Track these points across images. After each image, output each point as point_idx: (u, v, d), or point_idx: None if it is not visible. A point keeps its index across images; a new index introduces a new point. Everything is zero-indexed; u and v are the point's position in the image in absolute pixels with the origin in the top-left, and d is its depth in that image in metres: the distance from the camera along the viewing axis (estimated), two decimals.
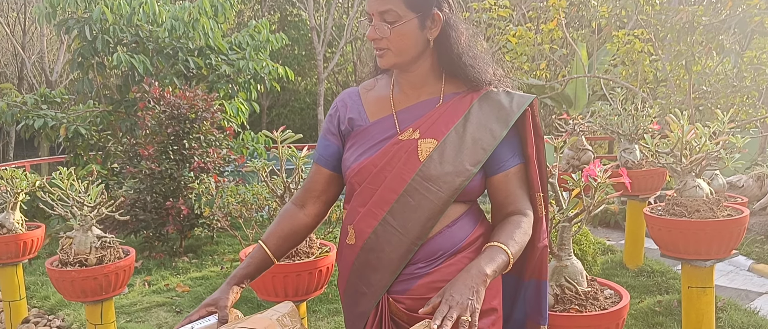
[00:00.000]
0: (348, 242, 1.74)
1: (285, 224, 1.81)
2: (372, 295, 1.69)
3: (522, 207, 1.68)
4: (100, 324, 3.24)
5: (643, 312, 3.78)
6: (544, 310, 1.76)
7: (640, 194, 4.42)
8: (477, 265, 1.51)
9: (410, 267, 1.65)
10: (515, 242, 1.60)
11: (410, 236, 1.64)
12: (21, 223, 4.11)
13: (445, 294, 1.46)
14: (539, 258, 1.74)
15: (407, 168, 1.64)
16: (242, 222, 4.88)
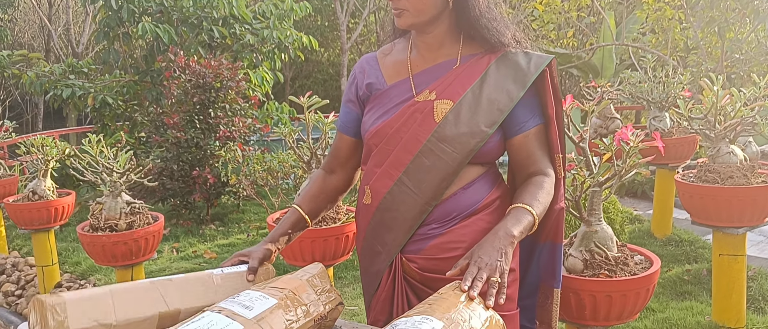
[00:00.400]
0: (365, 203, 1.77)
1: (316, 187, 1.86)
2: (386, 254, 1.72)
3: (543, 167, 1.67)
4: None
5: (672, 280, 3.74)
6: (557, 273, 1.77)
7: (669, 163, 4.35)
8: (504, 227, 1.51)
9: (424, 227, 1.67)
10: (539, 202, 1.60)
11: (424, 197, 1.65)
12: (52, 190, 4.18)
13: (473, 256, 1.45)
14: (556, 220, 1.73)
15: (423, 129, 1.64)
16: (268, 190, 4.91)
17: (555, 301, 1.79)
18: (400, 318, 1.35)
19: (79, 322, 1.37)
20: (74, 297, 1.38)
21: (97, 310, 1.40)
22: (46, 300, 1.34)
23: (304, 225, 1.84)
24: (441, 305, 1.35)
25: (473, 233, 1.65)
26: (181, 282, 1.58)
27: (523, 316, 1.80)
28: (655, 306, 3.36)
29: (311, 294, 1.52)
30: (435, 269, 1.66)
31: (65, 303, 1.35)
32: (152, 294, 1.51)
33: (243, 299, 1.46)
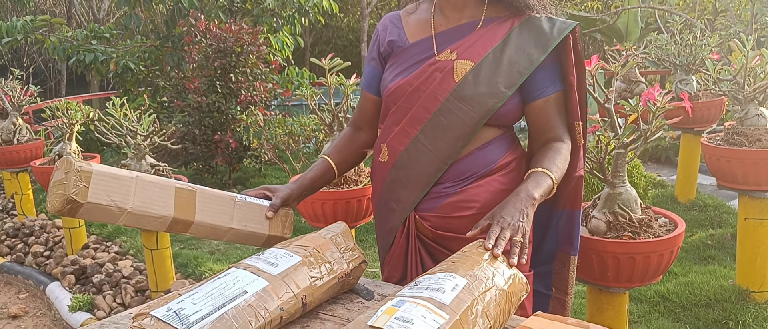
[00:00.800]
0: (381, 160, 1.79)
1: (344, 141, 1.89)
2: (400, 211, 1.74)
3: (560, 134, 1.67)
4: (156, 249, 3.35)
5: (695, 245, 3.72)
6: (575, 240, 1.77)
7: (695, 127, 4.29)
8: (525, 189, 1.52)
9: (438, 186, 1.68)
10: (558, 168, 1.60)
11: (440, 155, 1.66)
12: (77, 153, 4.23)
13: (495, 216, 1.46)
14: (574, 188, 1.73)
15: (442, 88, 1.64)
16: (289, 155, 4.93)
17: (572, 268, 1.79)
18: (424, 275, 1.36)
19: (98, 197, 1.37)
20: (101, 170, 1.38)
21: (117, 191, 1.40)
22: (75, 163, 1.34)
23: (332, 176, 1.85)
24: (464, 262, 1.35)
25: (487, 194, 1.66)
26: (203, 195, 1.58)
27: (540, 282, 1.83)
28: (677, 270, 3.35)
29: (335, 252, 1.53)
30: (448, 227, 1.68)
31: (92, 174, 1.36)
32: (172, 194, 1.51)
33: (268, 256, 1.48)
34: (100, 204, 1.38)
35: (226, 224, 1.61)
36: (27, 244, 4.80)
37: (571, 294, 1.83)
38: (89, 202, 1.36)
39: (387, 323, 1.19)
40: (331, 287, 1.49)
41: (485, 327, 1.24)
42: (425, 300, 1.23)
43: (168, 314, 1.27)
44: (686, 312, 2.88)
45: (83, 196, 1.35)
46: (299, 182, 1.80)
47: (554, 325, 1.27)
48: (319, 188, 1.85)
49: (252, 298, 1.33)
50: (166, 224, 1.53)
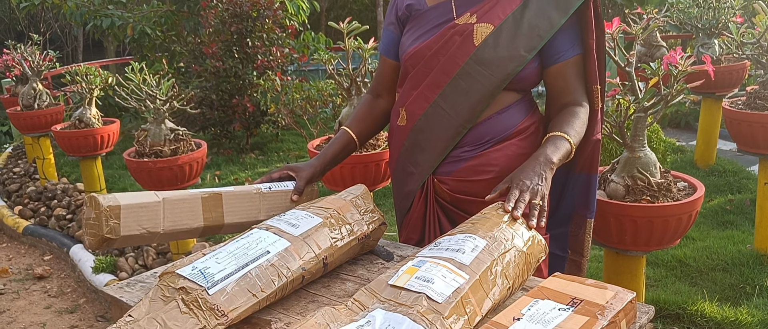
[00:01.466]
0: (399, 124, 1.79)
1: (364, 110, 1.89)
2: (419, 175, 1.75)
3: (579, 98, 1.66)
4: None
5: (714, 210, 3.70)
6: (591, 203, 1.78)
7: (716, 91, 4.23)
8: (544, 153, 1.52)
9: (457, 149, 1.69)
10: (576, 132, 1.60)
11: (459, 119, 1.66)
12: (97, 118, 4.28)
13: (514, 180, 1.47)
14: (592, 152, 1.74)
15: (461, 52, 1.64)
16: (307, 120, 4.94)
17: (588, 231, 1.81)
18: (444, 236, 1.37)
19: (130, 229, 1.42)
20: (128, 204, 1.42)
21: (147, 218, 1.45)
22: (103, 203, 1.39)
23: (353, 147, 1.86)
24: (484, 224, 1.37)
25: (505, 158, 1.67)
26: (228, 197, 1.62)
27: (556, 245, 1.84)
28: (695, 235, 3.34)
29: (355, 214, 1.55)
30: (466, 191, 1.69)
31: (120, 209, 1.41)
32: (200, 205, 1.55)
33: (289, 217, 1.50)
34: (133, 235, 1.44)
35: (254, 218, 1.65)
36: (50, 207, 4.89)
37: (587, 256, 1.84)
38: (122, 236, 1.42)
39: (408, 282, 1.21)
40: (352, 248, 1.52)
41: (504, 287, 1.26)
42: (445, 261, 1.25)
43: (193, 272, 1.30)
44: (703, 276, 2.89)
45: (116, 232, 1.41)
46: (321, 159, 1.80)
47: (572, 285, 1.29)
48: (341, 161, 1.86)
49: (274, 258, 1.36)
50: (199, 233, 1.59)
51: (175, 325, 1.21)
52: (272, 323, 1.33)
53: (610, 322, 1.15)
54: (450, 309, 1.14)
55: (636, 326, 1.23)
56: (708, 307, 2.52)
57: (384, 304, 1.18)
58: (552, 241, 1.82)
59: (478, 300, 1.20)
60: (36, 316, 3.49)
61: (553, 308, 1.20)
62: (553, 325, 1.15)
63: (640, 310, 1.27)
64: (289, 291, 1.39)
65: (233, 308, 1.26)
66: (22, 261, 4.30)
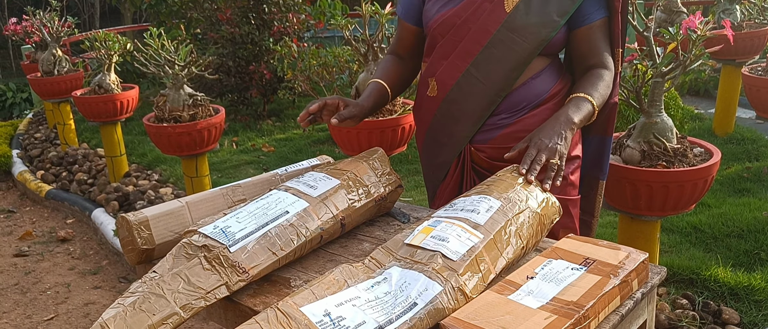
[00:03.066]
0: (429, 95, 1.76)
1: (392, 66, 1.85)
2: (453, 146, 1.74)
3: (603, 60, 1.65)
4: (196, 177, 3.46)
5: (731, 178, 3.69)
6: (604, 166, 1.79)
7: (737, 58, 4.18)
8: (565, 113, 1.53)
9: (493, 117, 1.68)
10: (599, 94, 1.60)
11: (494, 88, 1.64)
12: (116, 84, 4.32)
13: (532, 139, 1.48)
14: (608, 114, 1.73)
15: (492, 19, 1.61)
16: (323, 86, 4.95)
17: (599, 192, 1.82)
18: (459, 198, 1.40)
19: (163, 236, 1.49)
20: (155, 214, 1.50)
21: (176, 223, 1.52)
22: (132, 220, 1.46)
23: (387, 98, 1.81)
24: (499, 186, 1.39)
25: (541, 123, 1.63)
26: (248, 186, 1.66)
27: None
28: (711, 202, 3.34)
29: (372, 176, 1.58)
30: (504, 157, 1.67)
31: (148, 221, 1.47)
32: (223, 200, 1.60)
33: (307, 179, 1.53)
34: (168, 241, 1.49)
35: None
36: (71, 172, 4.97)
37: (597, 216, 1.87)
38: (158, 244, 1.48)
39: (423, 241, 1.24)
40: (368, 209, 1.55)
41: (518, 247, 1.28)
42: (460, 221, 1.28)
43: (215, 231, 1.34)
44: (718, 242, 2.89)
45: (151, 242, 1.47)
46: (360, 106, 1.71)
47: (585, 246, 1.31)
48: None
49: (293, 218, 1.40)
50: None
51: (198, 281, 1.25)
52: (291, 280, 1.38)
53: (622, 281, 1.18)
54: (464, 267, 1.17)
55: (647, 286, 1.25)
56: (721, 272, 2.54)
57: (400, 262, 1.22)
58: None
59: (492, 258, 1.22)
60: (60, 277, 3.58)
61: (566, 267, 1.23)
62: (566, 284, 1.17)
63: (652, 271, 1.29)
64: (308, 250, 1.43)
65: (254, 265, 1.30)
66: (46, 224, 4.40)
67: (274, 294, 1.33)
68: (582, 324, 1.09)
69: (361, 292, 1.13)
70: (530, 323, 1.06)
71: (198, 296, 1.24)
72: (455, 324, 1.06)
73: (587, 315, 1.10)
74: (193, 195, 1.60)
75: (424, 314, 1.09)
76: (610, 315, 1.16)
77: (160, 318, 1.19)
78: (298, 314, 1.06)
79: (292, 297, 1.10)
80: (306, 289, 1.13)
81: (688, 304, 2.38)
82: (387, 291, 1.13)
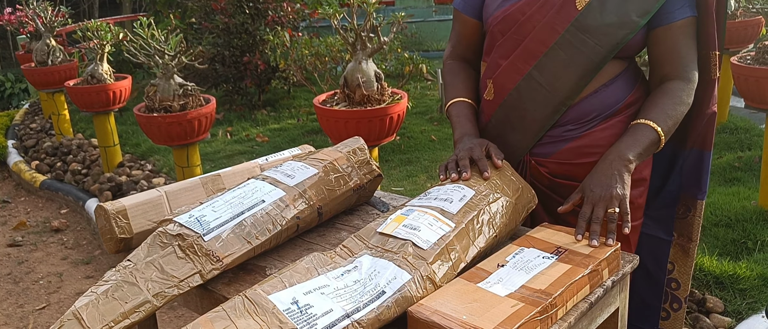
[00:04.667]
0: (485, 98, 1.60)
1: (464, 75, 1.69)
2: (509, 157, 1.55)
3: (682, 70, 1.45)
4: (187, 167, 3.46)
5: (722, 167, 3.69)
6: (704, 184, 1.59)
7: (730, 47, 4.17)
8: (617, 150, 1.38)
9: (557, 128, 1.51)
10: (669, 117, 1.41)
11: (559, 95, 1.47)
12: (109, 74, 4.32)
13: (585, 191, 1.35)
14: (706, 126, 1.54)
15: (561, 17, 1.43)
16: (317, 76, 4.95)
17: (698, 213, 1.62)
18: (434, 187, 1.40)
19: (140, 225, 1.50)
20: (133, 203, 1.51)
21: (154, 212, 1.53)
22: (109, 209, 1.47)
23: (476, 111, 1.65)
24: (475, 176, 1.39)
25: (613, 137, 1.48)
26: (229, 175, 1.67)
27: (659, 227, 1.68)
28: None
29: (350, 166, 1.58)
30: (568, 175, 1.52)
31: (126, 210, 1.48)
32: (201, 189, 1.61)
33: (285, 168, 1.54)
34: (146, 230, 1.50)
35: None
36: (65, 162, 4.98)
37: (696, 240, 1.66)
38: (136, 233, 1.49)
39: (395, 230, 1.25)
40: (347, 198, 1.55)
41: (490, 236, 1.29)
42: (433, 210, 1.29)
43: (190, 220, 1.35)
44: (705, 231, 2.90)
45: (129, 231, 1.49)
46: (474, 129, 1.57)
47: (559, 235, 1.32)
48: None
49: (269, 207, 1.40)
50: None
51: (171, 269, 1.26)
52: (267, 269, 1.38)
53: (592, 271, 1.19)
54: (434, 255, 1.17)
55: (619, 274, 1.26)
56: (706, 261, 2.54)
57: (371, 251, 1.22)
58: (653, 223, 1.66)
59: (463, 247, 1.23)
60: (53, 267, 3.59)
61: (538, 256, 1.24)
62: (536, 272, 1.18)
63: (624, 259, 1.30)
64: (284, 239, 1.43)
65: (228, 254, 1.31)
66: (40, 214, 4.41)
67: (249, 282, 1.34)
68: (549, 312, 1.10)
69: (330, 280, 1.14)
70: (496, 310, 1.07)
71: (171, 284, 1.24)
72: (422, 311, 1.07)
73: (554, 303, 1.10)
74: (172, 184, 1.61)
75: (392, 302, 1.09)
76: (579, 303, 1.17)
77: (133, 305, 1.20)
78: (266, 302, 1.07)
79: (261, 285, 1.11)
80: (275, 277, 1.14)
81: None
82: (357, 279, 1.14)
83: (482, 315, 1.05)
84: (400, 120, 2.90)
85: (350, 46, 2.88)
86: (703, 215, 1.62)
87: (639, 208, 1.58)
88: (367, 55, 2.82)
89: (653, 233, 1.67)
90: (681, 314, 1.76)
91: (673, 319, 1.76)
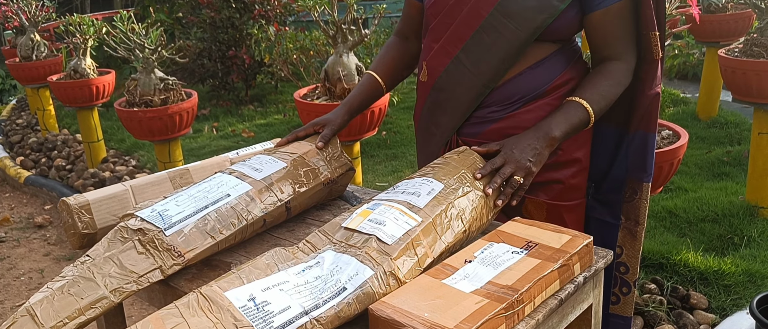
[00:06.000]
0: (422, 79, 1.65)
1: (392, 53, 1.75)
2: (440, 136, 1.62)
3: (620, 51, 1.47)
4: (169, 162, 3.42)
5: (710, 162, 3.66)
6: (649, 166, 1.59)
7: (721, 40, 4.14)
8: (547, 125, 1.41)
9: (483, 109, 1.55)
10: (602, 97, 1.44)
11: (482, 78, 1.50)
12: (92, 69, 4.27)
13: (504, 147, 1.38)
14: (649, 107, 1.53)
15: (485, 2, 1.46)
16: (303, 71, 4.90)
17: (644, 196, 1.62)
18: (403, 180, 1.37)
19: (105, 220, 1.46)
20: (97, 197, 1.46)
21: (119, 207, 1.48)
22: (72, 203, 1.42)
23: (380, 92, 1.73)
24: (444, 169, 1.35)
25: (537, 120, 1.49)
26: (196, 169, 1.63)
27: (607, 211, 1.67)
28: (688, 186, 3.32)
29: (321, 160, 1.54)
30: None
31: (89, 205, 1.44)
32: (169, 183, 1.57)
33: (253, 162, 1.50)
34: (110, 225, 1.46)
35: None
36: (50, 158, 4.93)
37: (643, 223, 1.66)
38: (100, 228, 1.45)
39: (360, 224, 1.21)
40: (317, 193, 1.51)
41: (459, 230, 1.25)
42: (399, 203, 1.25)
43: (152, 215, 1.31)
44: (692, 227, 2.87)
45: (92, 226, 1.44)
46: (346, 106, 1.67)
47: (530, 230, 1.28)
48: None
49: (235, 201, 1.36)
50: None
51: (130, 265, 1.22)
52: (232, 265, 1.34)
53: (562, 265, 1.15)
54: (399, 251, 1.14)
55: (591, 270, 1.22)
56: (692, 257, 2.51)
57: (335, 246, 1.18)
58: (602, 206, 1.67)
59: (429, 242, 1.19)
60: (35, 263, 3.55)
61: (507, 251, 1.20)
62: (504, 267, 1.14)
63: (598, 255, 1.27)
64: (250, 234, 1.39)
65: (190, 249, 1.27)
66: (24, 210, 4.37)
67: (213, 278, 1.29)
68: (515, 308, 1.06)
69: (290, 276, 1.10)
70: (460, 307, 1.03)
71: (130, 280, 1.20)
72: (383, 308, 1.03)
73: (521, 299, 1.07)
74: (139, 179, 1.57)
75: (353, 299, 1.06)
76: (548, 299, 1.13)
77: (89, 301, 1.16)
78: (221, 299, 1.03)
79: (218, 282, 1.07)
80: (233, 273, 1.10)
81: (656, 289, 2.36)
82: (318, 275, 1.10)
83: (444, 312, 1.02)
84: (382, 114, 2.86)
85: (331, 39, 2.84)
86: (649, 198, 1.63)
87: (574, 189, 1.59)
88: (348, 48, 2.78)
89: (601, 217, 1.68)
90: (631, 298, 1.74)
91: (623, 303, 1.75)
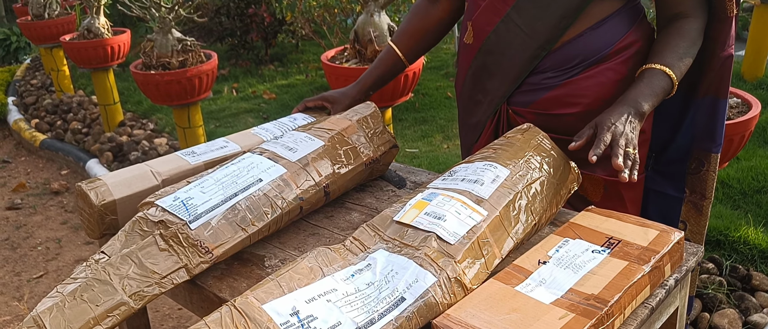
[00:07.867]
0: (466, 41, 1.50)
1: (415, 22, 1.61)
2: (488, 105, 1.47)
3: (692, 7, 1.32)
4: (188, 127, 3.27)
5: (761, 127, 3.44)
6: (718, 135, 1.44)
7: None
8: (633, 98, 1.25)
9: (537, 75, 1.39)
10: (681, 60, 1.29)
11: (537, 39, 1.35)
12: (106, 28, 4.10)
13: (602, 124, 1.21)
14: (721, 70, 1.39)
15: None
16: (326, 29, 4.69)
17: (712, 168, 1.48)
18: (461, 164, 1.19)
19: (122, 192, 1.29)
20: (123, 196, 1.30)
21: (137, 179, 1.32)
22: (96, 201, 1.28)
23: (401, 67, 1.63)
24: (508, 150, 1.18)
25: (599, 86, 1.36)
26: None
27: (669, 184, 1.53)
28: (740, 154, 3.11)
29: (362, 136, 1.37)
30: (548, 126, 1.38)
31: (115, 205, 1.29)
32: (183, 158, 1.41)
33: (287, 140, 1.33)
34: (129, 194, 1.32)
35: None
36: (66, 121, 4.80)
37: (710, 197, 1.51)
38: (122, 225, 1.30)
39: (415, 219, 1.04)
40: (358, 174, 1.35)
41: (529, 224, 1.08)
42: (460, 193, 1.08)
43: (174, 204, 1.15)
44: (747, 199, 2.68)
45: (115, 227, 1.29)
46: (360, 85, 1.59)
47: (609, 222, 1.11)
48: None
49: (267, 187, 1.20)
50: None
51: (151, 264, 1.07)
52: (266, 259, 1.19)
53: (653, 268, 0.98)
54: (463, 252, 0.97)
55: (682, 270, 1.05)
56: (752, 233, 2.33)
57: (387, 244, 1.02)
58: (663, 178, 1.53)
59: (497, 239, 1.03)
60: (52, 232, 3.44)
61: (586, 249, 1.03)
62: (585, 271, 0.98)
63: (688, 251, 1.09)
64: (286, 223, 1.24)
65: (219, 244, 1.11)
66: (40, 176, 4.25)
67: (244, 276, 1.15)
68: (605, 323, 0.90)
69: (338, 283, 0.94)
70: (541, 324, 0.87)
71: (151, 282, 1.06)
72: (449, 324, 0.88)
73: (611, 313, 0.90)
74: (168, 167, 1.38)
75: (414, 312, 0.90)
76: (638, 308, 0.97)
77: (105, 309, 1.01)
78: (259, 313, 0.87)
79: (254, 291, 0.91)
80: (272, 280, 0.94)
81: (714, 269, 2.19)
82: (370, 281, 0.94)
83: None
84: (416, 78, 2.67)
85: None
86: (717, 170, 1.48)
87: None
88: (379, 6, 2.57)
89: (662, 189, 1.53)
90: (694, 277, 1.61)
91: None
